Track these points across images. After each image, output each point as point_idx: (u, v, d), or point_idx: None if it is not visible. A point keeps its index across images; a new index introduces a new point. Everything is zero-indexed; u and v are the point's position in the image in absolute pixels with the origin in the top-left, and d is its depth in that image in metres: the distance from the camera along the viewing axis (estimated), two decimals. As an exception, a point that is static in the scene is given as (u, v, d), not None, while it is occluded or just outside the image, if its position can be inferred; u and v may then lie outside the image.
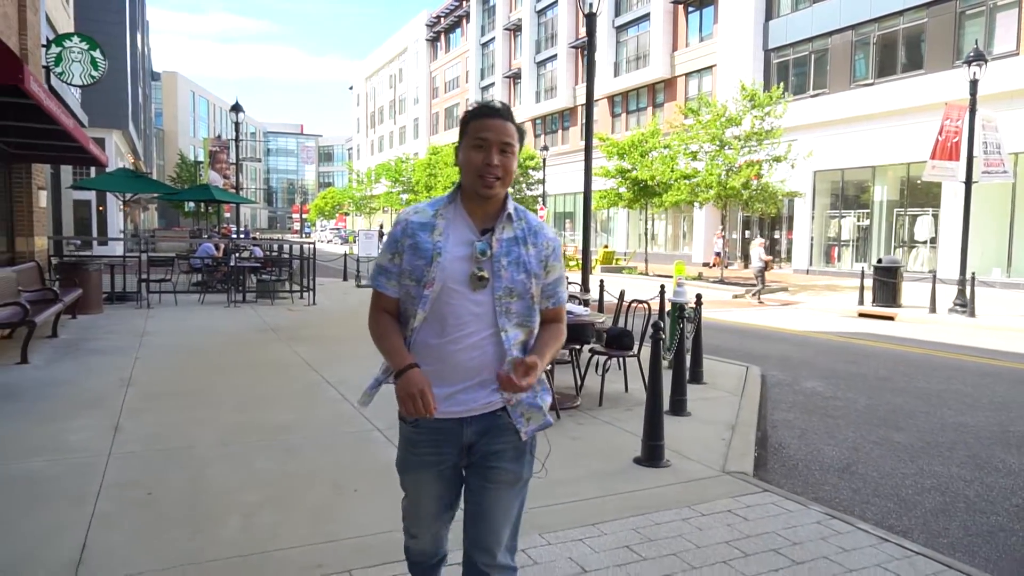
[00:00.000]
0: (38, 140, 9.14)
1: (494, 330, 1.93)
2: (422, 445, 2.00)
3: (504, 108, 1.96)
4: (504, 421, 1.98)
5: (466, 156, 1.92)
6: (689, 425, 5.46)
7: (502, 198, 1.97)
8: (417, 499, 2.09)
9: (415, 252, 1.92)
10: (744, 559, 3.16)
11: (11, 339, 8.19)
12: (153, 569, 2.93)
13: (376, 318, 2.03)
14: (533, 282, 1.95)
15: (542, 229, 2.02)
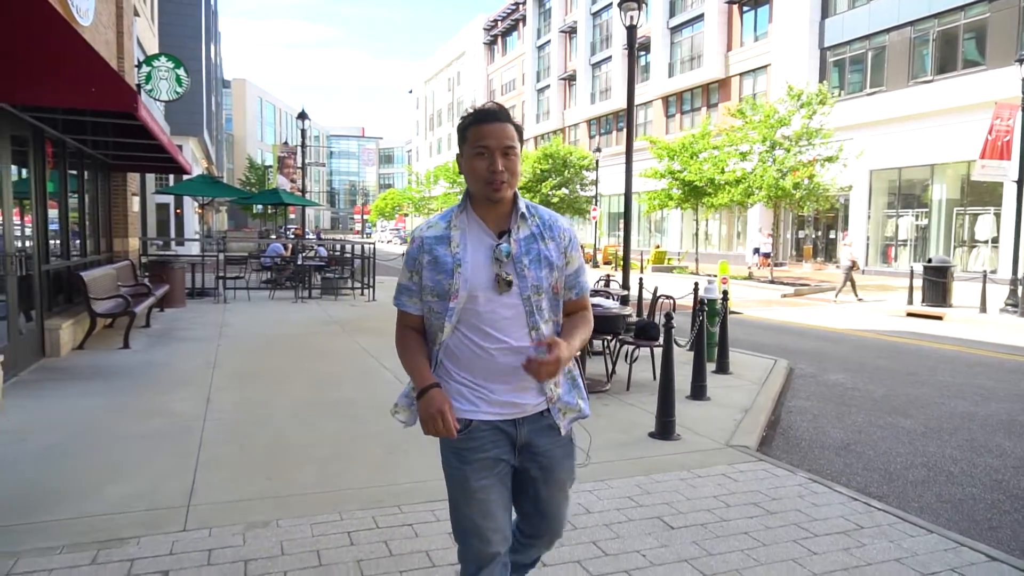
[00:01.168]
0: (133, 152, 10.29)
1: (525, 328, 1.95)
2: (479, 450, 1.96)
3: (501, 110, 1.95)
4: (551, 420, 2.03)
5: (470, 165, 1.92)
6: (706, 408, 6.03)
7: (512, 199, 1.97)
8: (483, 509, 1.97)
9: (435, 267, 1.94)
10: (726, 508, 3.76)
11: (112, 328, 9.32)
12: (248, 499, 3.74)
13: (401, 336, 2.06)
14: (556, 275, 1.97)
15: (556, 222, 2.02)
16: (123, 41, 10.94)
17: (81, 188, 9.51)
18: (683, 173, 23.50)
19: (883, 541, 3.39)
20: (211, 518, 3.48)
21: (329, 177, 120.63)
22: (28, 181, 7.23)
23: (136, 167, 11.79)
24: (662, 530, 3.46)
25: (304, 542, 3.23)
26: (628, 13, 10.39)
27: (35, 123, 7.11)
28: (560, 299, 2.03)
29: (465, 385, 1.97)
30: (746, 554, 3.22)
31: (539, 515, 2.10)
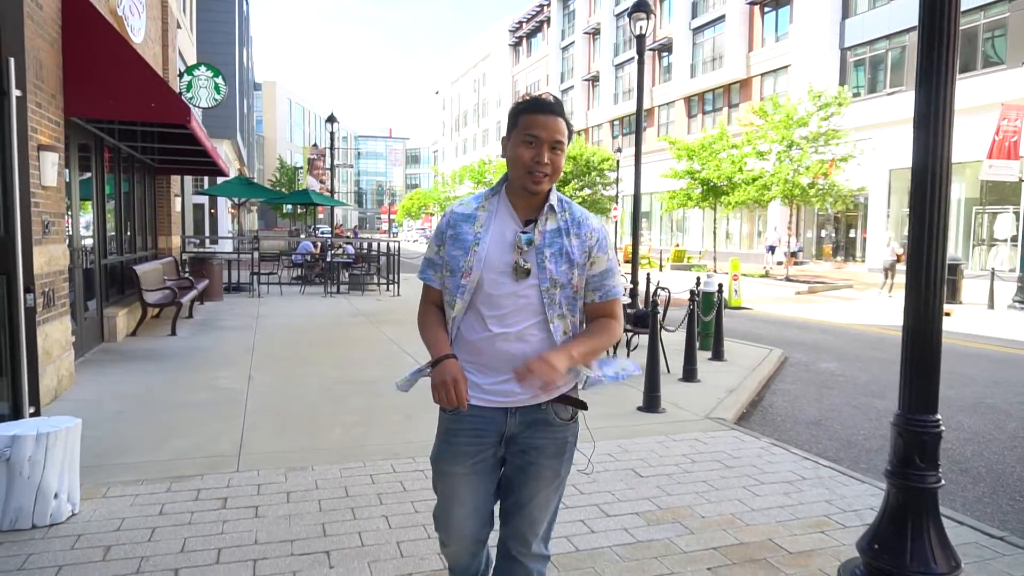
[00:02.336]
0: (177, 156, 11.16)
1: (539, 319, 1.90)
2: (462, 434, 1.95)
3: (557, 103, 1.90)
4: (548, 415, 1.96)
5: (515, 151, 1.88)
6: (695, 388, 6.64)
7: (547, 191, 1.93)
8: (450, 495, 1.99)
9: (455, 242, 1.94)
10: (691, 463, 4.39)
11: (158, 318, 10.19)
12: (287, 451, 4.47)
13: (423, 310, 2.05)
14: (575, 272, 1.91)
15: (586, 219, 1.96)
16: (168, 53, 11.82)
17: (131, 190, 10.39)
18: (701, 172, 23.95)
19: (820, 488, 4.00)
20: (258, 463, 4.21)
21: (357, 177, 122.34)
22: (90, 184, 8.08)
23: (179, 170, 12.69)
24: (632, 478, 4.11)
25: (334, 481, 3.95)
26: (637, 23, 10.96)
27: (96, 132, 7.96)
28: (579, 299, 1.96)
29: (466, 367, 1.93)
30: (699, 495, 3.86)
31: (518, 510, 2.00)
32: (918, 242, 2.51)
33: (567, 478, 2.06)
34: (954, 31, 2.42)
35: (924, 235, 2.49)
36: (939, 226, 2.46)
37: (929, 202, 2.46)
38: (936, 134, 2.43)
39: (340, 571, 2.92)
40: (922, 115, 2.46)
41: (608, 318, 1.99)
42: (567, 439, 2.01)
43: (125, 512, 3.45)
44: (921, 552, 2.50)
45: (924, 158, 2.47)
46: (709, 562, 3.07)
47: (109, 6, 7.79)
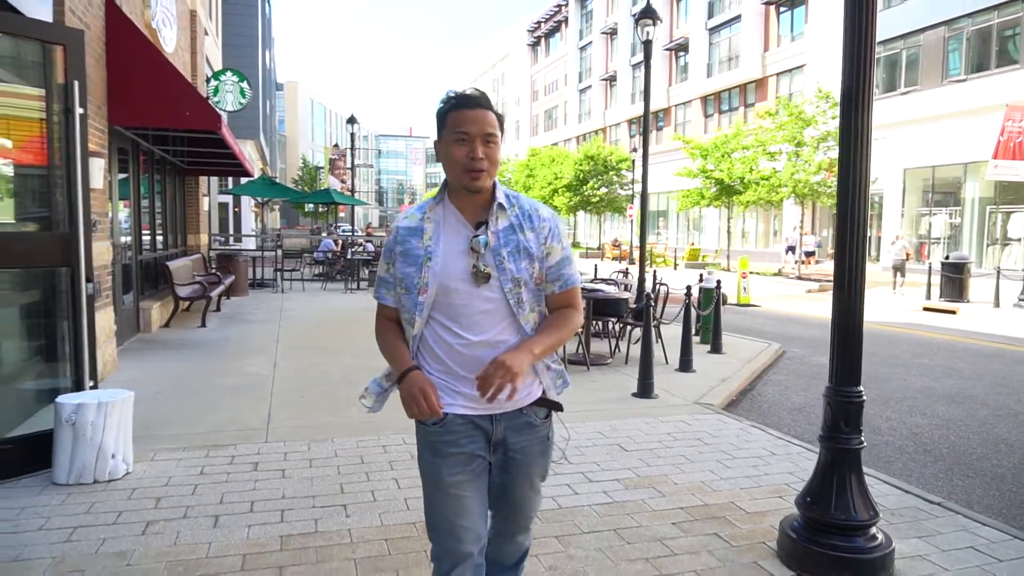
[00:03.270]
0: (205, 158, 11.77)
1: (509, 320, 1.87)
2: (451, 445, 1.90)
3: (482, 96, 1.87)
4: (530, 417, 1.96)
5: (448, 151, 1.84)
6: (689, 378, 7.07)
7: (491, 188, 1.89)
8: (455, 506, 1.91)
9: (406, 259, 1.88)
10: (673, 440, 4.84)
11: (188, 312, 10.80)
12: (310, 426, 4.98)
13: (380, 327, 2.01)
14: (536, 266, 1.89)
15: (536, 211, 1.93)
16: (196, 60, 12.44)
17: (164, 190, 11.01)
18: (715, 172, 24.25)
19: (786, 462, 4.43)
20: (284, 435, 4.73)
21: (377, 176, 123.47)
22: (127, 185, 8.68)
23: (207, 171, 13.33)
24: (618, 451, 4.57)
25: (352, 450, 4.45)
26: (644, 29, 11.37)
27: (134, 137, 8.55)
28: (542, 291, 1.94)
29: (440, 379, 1.89)
30: (676, 467, 4.31)
31: (508, 507, 2.04)
32: (841, 248, 2.95)
33: None
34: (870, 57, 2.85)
35: (847, 243, 2.93)
36: (859, 236, 2.89)
37: (850, 214, 2.89)
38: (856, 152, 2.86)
39: (355, 520, 3.42)
40: (844, 134, 2.90)
41: (568, 308, 1.97)
42: (548, 436, 2.03)
43: (171, 472, 3.99)
44: (844, 503, 2.93)
45: (847, 174, 2.90)
46: (674, 518, 3.53)
47: (144, 19, 8.38)
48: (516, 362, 1.76)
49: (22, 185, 4.45)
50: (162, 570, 2.88)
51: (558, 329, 1.93)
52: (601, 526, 3.41)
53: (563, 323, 1.95)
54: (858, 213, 2.89)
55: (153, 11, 8.64)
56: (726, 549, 3.19)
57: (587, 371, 7.21)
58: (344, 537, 3.23)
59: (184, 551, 3.05)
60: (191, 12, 12.27)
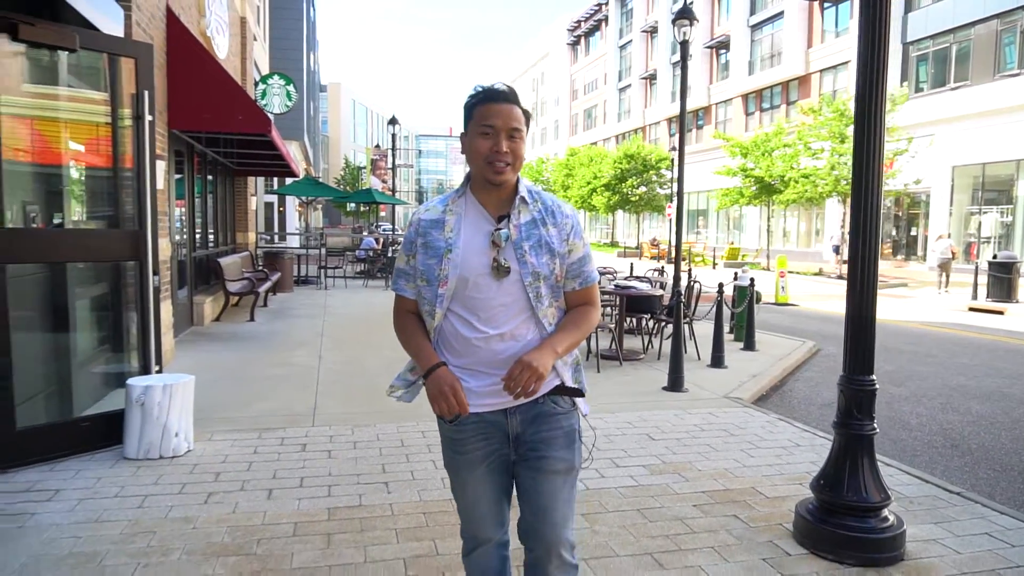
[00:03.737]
0: (253, 159, 12.26)
1: (527, 315, 1.87)
2: (468, 442, 1.92)
3: (510, 91, 1.87)
4: (548, 408, 1.93)
5: (473, 144, 1.85)
6: (721, 373, 7.19)
7: (514, 183, 1.90)
8: (474, 499, 1.97)
9: (427, 251, 1.89)
10: (699, 431, 5.00)
11: (237, 307, 11.28)
12: (353, 412, 5.29)
13: (400, 321, 2.01)
14: (557, 262, 1.89)
15: (559, 207, 1.93)
16: (246, 66, 12.95)
17: (215, 190, 11.52)
18: (754, 170, 24.07)
19: (810, 453, 4.56)
20: (329, 421, 5.04)
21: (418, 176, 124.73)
22: (183, 185, 9.15)
23: (255, 172, 13.85)
24: (645, 440, 4.75)
25: (392, 435, 4.73)
26: (681, 29, 11.45)
27: (189, 140, 9.02)
28: (561, 288, 1.95)
29: (457, 372, 1.89)
30: (700, 454, 4.48)
31: (540, 513, 1.93)
32: (855, 247, 3.10)
33: (579, 471, 2.01)
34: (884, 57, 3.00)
35: (859, 241, 3.07)
36: (871, 234, 3.04)
37: (863, 213, 3.04)
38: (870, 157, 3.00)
39: (395, 495, 3.69)
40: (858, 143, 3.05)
41: (588, 305, 1.98)
42: (573, 426, 1.98)
43: (227, 451, 4.32)
44: (856, 485, 3.08)
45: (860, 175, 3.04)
46: (696, 501, 3.71)
47: (200, 28, 8.83)
48: (541, 362, 1.77)
49: (95, 186, 4.85)
50: (223, 533, 3.18)
51: (579, 327, 1.93)
52: (625, 506, 3.61)
53: (583, 320, 1.95)
54: (871, 212, 3.03)
55: (207, 20, 9.09)
56: (743, 529, 3.37)
57: (620, 366, 7.39)
58: (386, 510, 3.50)
59: (242, 518, 3.35)
60: (241, 19, 12.78)
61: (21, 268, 3.94)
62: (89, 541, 3.07)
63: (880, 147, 3.02)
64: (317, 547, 3.07)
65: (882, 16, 3.05)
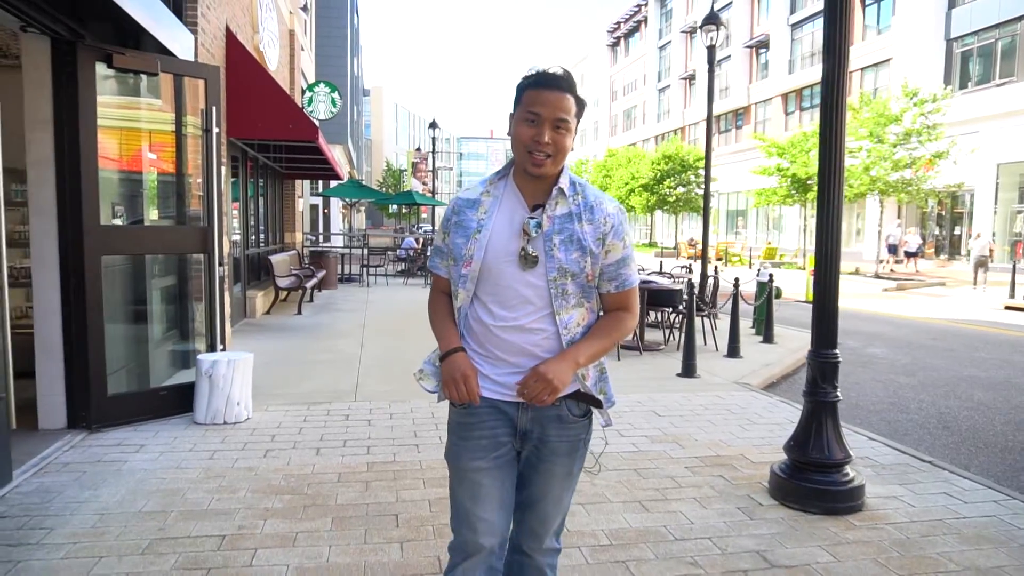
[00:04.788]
0: (301, 164, 13.06)
1: (547, 312, 1.82)
2: (475, 428, 1.87)
3: (565, 76, 1.78)
4: (561, 411, 1.87)
5: (517, 130, 1.79)
6: (735, 363, 7.60)
7: (556, 174, 1.83)
8: (472, 493, 1.88)
9: (459, 229, 1.86)
10: (704, 410, 5.47)
11: (286, 302, 12.06)
12: (391, 391, 5.90)
13: (433, 299, 2.00)
14: (588, 261, 1.81)
15: (600, 203, 1.85)
16: (294, 76, 13.77)
17: (266, 193, 12.33)
18: (790, 169, 24.12)
19: (802, 429, 4.99)
20: (370, 397, 5.66)
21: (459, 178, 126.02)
22: (237, 188, 9.93)
23: (302, 175, 14.67)
24: (652, 416, 5.24)
25: (425, 409, 5.32)
26: (708, 34, 11.82)
27: (243, 146, 9.80)
28: (594, 287, 1.87)
29: (473, 359, 1.87)
30: (700, 428, 4.95)
31: (530, 507, 1.93)
32: (820, 239, 3.55)
33: (579, 475, 1.98)
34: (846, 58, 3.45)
35: (824, 234, 3.53)
36: (834, 229, 3.49)
37: (826, 215, 3.50)
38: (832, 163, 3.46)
39: (425, 455, 4.27)
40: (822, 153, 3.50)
41: (623, 311, 1.91)
42: (580, 436, 1.92)
43: (281, 419, 4.96)
44: (821, 445, 3.53)
45: (825, 173, 3.50)
46: (688, 464, 4.19)
47: (254, 43, 9.59)
48: (557, 374, 1.74)
49: (168, 189, 5.55)
50: (279, 479, 3.80)
51: (607, 335, 1.87)
52: (624, 466, 4.12)
53: (614, 328, 1.89)
54: (832, 213, 3.49)
55: (261, 35, 9.86)
56: (725, 485, 3.85)
57: (640, 355, 7.86)
58: (416, 465, 4.07)
59: (295, 469, 3.97)
60: (290, 32, 13.60)
61: (111, 259, 4.64)
62: (172, 481, 3.72)
63: (841, 155, 3.47)
64: (357, 490, 3.67)
65: (843, 30, 3.51)
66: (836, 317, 3.60)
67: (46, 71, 4.20)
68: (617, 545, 3.10)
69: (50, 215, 4.31)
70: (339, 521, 3.28)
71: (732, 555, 3.02)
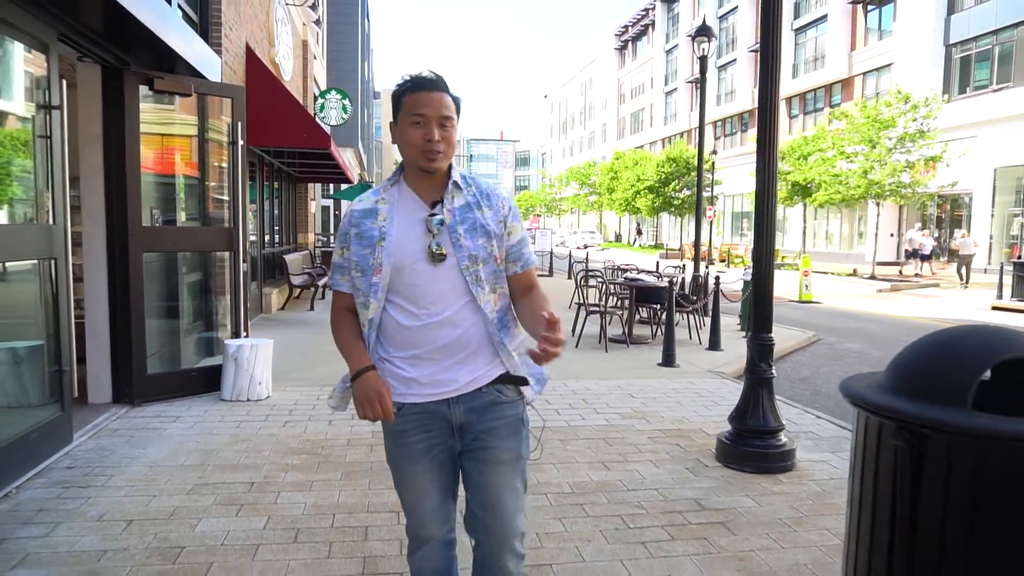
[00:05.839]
0: (313, 168, 13.76)
1: (467, 300, 1.85)
2: (410, 434, 1.89)
3: (439, 79, 1.84)
4: (492, 397, 1.90)
5: (404, 134, 1.83)
6: (715, 354, 8.20)
7: (447, 169, 1.89)
8: (416, 495, 1.94)
9: (360, 241, 1.86)
10: (676, 393, 6.08)
11: (299, 299, 12.75)
12: (395, 376, 6.54)
13: (336, 317, 1.99)
14: (495, 244, 1.88)
15: (494, 191, 1.94)
16: (307, 84, 14.48)
17: (280, 196, 13.03)
18: (790, 174, 24.64)
19: (760, 409, 5.59)
20: (375, 381, 6.29)
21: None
22: (254, 191, 10.62)
23: (315, 179, 15.38)
24: (627, 397, 5.86)
25: (424, 391, 5.96)
26: (700, 45, 12.42)
27: (260, 153, 10.49)
28: (502, 270, 1.93)
29: (398, 366, 1.88)
30: (668, 407, 5.56)
31: (488, 505, 1.91)
32: (758, 235, 4.16)
33: (528, 462, 1.99)
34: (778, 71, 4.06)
35: (762, 230, 4.14)
36: (770, 225, 4.10)
37: (762, 216, 4.11)
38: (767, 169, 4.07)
39: (422, 426, 4.91)
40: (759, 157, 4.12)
41: (536, 287, 1.99)
42: (519, 415, 1.95)
43: (297, 398, 5.61)
44: (758, 414, 4.14)
45: (762, 176, 4.11)
46: (650, 435, 4.81)
47: (270, 56, 10.28)
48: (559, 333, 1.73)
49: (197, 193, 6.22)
50: (297, 442, 4.45)
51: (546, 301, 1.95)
52: (594, 436, 4.74)
53: (542, 299, 1.96)
54: (767, 215, 4.10)
55: (277, 48, 10.55)
56: (680, 451, 4.46)
57: (627, 348, 8.47)
58: (414, 434, 4.71)
59: (310, 436, 4.62)
60: (303, 42, 14.30)
61: (148, 256, 5.30)
62: (206, 443, 4.38)
63: (774, 162, 4.08)
64: (363, 452, 4.31)
65: (775, 47, 4.12)
66: (771, 305, 4.22)
67: (97, 94, 4.88)
68: (578, 493, 3.72)
69: (99, 219, 4.99)
70: (347, 474, 3.92)
71: (672, 501, 3.64)
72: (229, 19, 7.20)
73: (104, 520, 3.23)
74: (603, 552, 3.04)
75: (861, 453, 1.99)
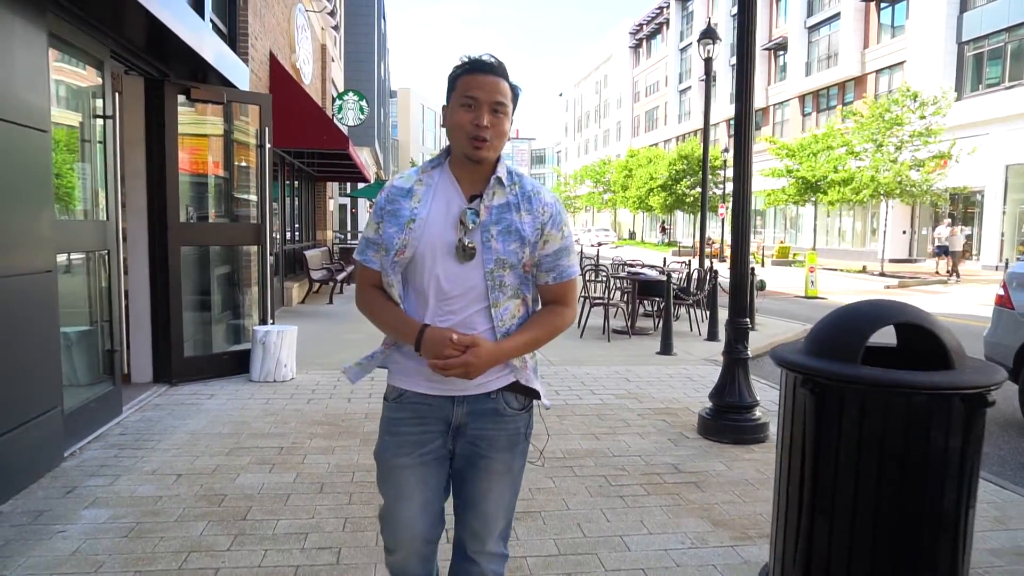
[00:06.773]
0: (331, 168, 14.30)
1: (482, 307, 1.76)
2: (405, 423, 1.83)
3: (498, 64, 1.74)
4: (498, 404, 1.82)
5: (454, 117, 1.74)
6: (712, 344, 8.61)
7: (493, 162, 1.78)
8: (397, 491, 1.82)
9: (392, 218, 1.77)
10: (668, 378, 6.52)
11: (318, 293, 13.30)
12: (408, 361, 7.04)
13: (366, 295, 1.90)
14: (526, 251, 1.77)
15: (538, 193, 1.81)
16: (325, 87, 15.02)
17: (300, 194, 13.59)
18: (798, 171, 24.90)
19: (745, 391, 6.02)
20: (390, 365, 6.80)
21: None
22: (276, 190, 11.17)
23: (333, 178, 15.94)
24: (623, 381, 6.31)
25: (435, 374, 6.45)
26: (705, 47, 12.80)
27: (282, 153, 11.03)
28: (531, 278, 1.83)
29: (404, 353, 1.84)
30: (660, 389, 6.01)
31: (472, 507, 1.86)
32: (735, 230, 4.60)
33: (522, 473, 1.92)
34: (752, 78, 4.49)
35: (739, 226, 4.57)
36: (746, 222, 4.53)
37: (738, 214, 4.54)
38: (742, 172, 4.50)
39: (432, 404, 5.40)
40: (736, 154, 4.55)
41: (559, 304, 1.86)
42: (519, 430, 1.87)
43: (319, 380, 6.13)
44: (734, 391, 4.58)
45: (739, 176, 4.55)
46: (640, 412, 5.26)
47: (291, 61, 10.82)
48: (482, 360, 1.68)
49: (226, 192, 6.75)
50: (320, 416, 4.96)
51: (543, 327, 1.82)
52: (589, 413, 5.21)
53: (548, 321, 1.84)
54: (743, 213, 4.54)
55: (297, 54, 11.09)
56: (665, 426, 4.91)
57: (629, 338, 8.91)
58: (425, 411, 5.20)
59: (332, 411, 5.12)
60: (322, 46, 14.85)
61: (184, 249, 5.83)
62: (239, 416, 4.90)
63: (749, 164, 4.51)
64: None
65: (750, 51, 4.54)
66: (747, 292, 4.66)
67: (140, 102, 5.41)
68: (568, 458, 4.19)
69: (142, 215, 5.52)
70: (365, 441, 4.42)
71: (652, 465, 4.09)
72: (255, 29, 7.72)
73: (157, 474, 3.75)
74: (586, 503, 3.51)
75: (784, 403, 2.43)
